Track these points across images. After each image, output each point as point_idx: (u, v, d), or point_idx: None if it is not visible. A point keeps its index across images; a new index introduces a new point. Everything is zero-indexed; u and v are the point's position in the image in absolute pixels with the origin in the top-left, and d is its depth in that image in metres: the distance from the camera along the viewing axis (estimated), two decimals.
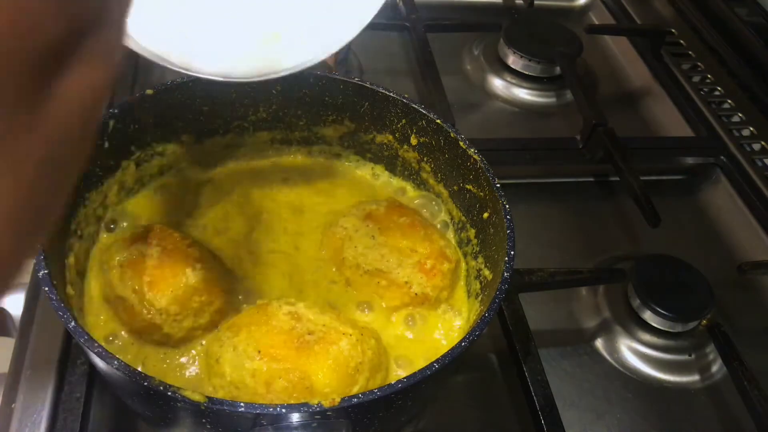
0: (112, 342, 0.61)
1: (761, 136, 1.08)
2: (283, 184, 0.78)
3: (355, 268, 0.68)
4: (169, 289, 0.60)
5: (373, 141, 0.78)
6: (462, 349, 0.52)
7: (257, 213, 0.74)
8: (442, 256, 0.68)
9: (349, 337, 0.58)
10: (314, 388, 0.55)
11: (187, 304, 0.60)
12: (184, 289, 0.60)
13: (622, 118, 1.08)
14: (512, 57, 1.14)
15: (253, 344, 0.57)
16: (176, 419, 0.53)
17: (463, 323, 0.67)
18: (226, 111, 0.75)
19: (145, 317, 0.59)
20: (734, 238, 0.97)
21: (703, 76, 1.19)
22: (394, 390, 0.49)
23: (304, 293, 0.68)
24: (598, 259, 0.90)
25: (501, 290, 0.57)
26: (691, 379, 0.79)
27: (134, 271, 0.60)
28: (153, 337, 0.60)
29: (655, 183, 1.00)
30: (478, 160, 0.68)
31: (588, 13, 1.36)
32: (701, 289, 0.82)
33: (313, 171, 0.80)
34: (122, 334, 0.61)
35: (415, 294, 0.66)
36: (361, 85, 0.74)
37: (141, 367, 0.59)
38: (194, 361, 0.61)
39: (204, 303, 0.61)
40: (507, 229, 0.62)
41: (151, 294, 0.59)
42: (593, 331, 0.82)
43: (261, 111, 0.76)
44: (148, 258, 0.61)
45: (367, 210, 0.71)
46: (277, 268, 0.70)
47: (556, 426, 0.67)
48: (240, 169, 0.78)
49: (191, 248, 0.63)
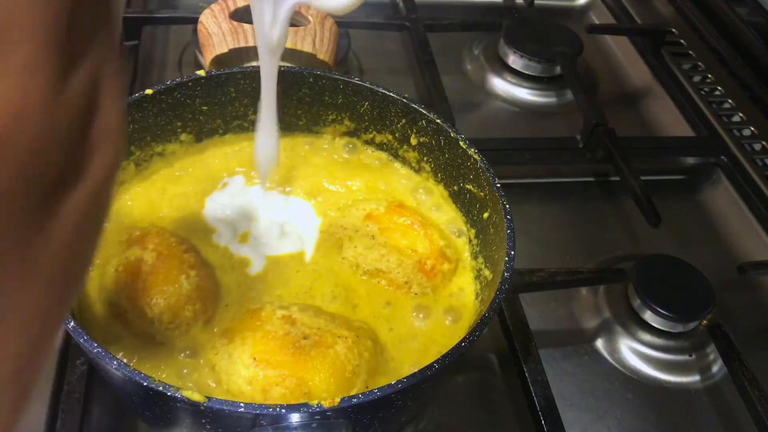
0: (111, 342, 0.60)
1: (762, 135, 1.08)
2: None
3: (355, 268, 0.68)
4: (162, 298, 0.59)
5: (373, 141, 0.78)
6: (462, 349, 0.52)
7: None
8: (442, 256, 0.68)
9: (345, 339, 0.58)
10: (312, 394, 0.55)
11: (180, 313, 0.60)
12: (177, 298, 0.59)
13: (623, 117, 1.08)
14: (512, 57, 1.14)
15: (249, 351, 0.56)
16: (176, 419, 0.53)
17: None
18: (226, 111, 0.75)
19: (138, 325, 0.59)
20: (735, 238, 0.97)
21: (703, 76, 1.19)
22: (394, 390, 0.49)
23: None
24: (599, 259, 0.90)
25: (501, 290, 0.57)
26: (692, 379, 0.79)
27: (129, 278, 0.60)
28: (149, 341, 0.60)
29: (656, 183, 1.00)
30: (478, 160, 0.68)
31: (588, 12, 1.36)
32: (702, 289, 0.81)
33: None
34: (121, 335, 0.61)
35: (415, 294, 0.66)
36: (361, 85, 0.74)
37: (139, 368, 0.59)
38: (192, 367, 0.60)
39: (198, 311, 0.61)
40: (507, 229, 0.61)
41: (144, 302, 0.59)
42: (593, 331, 0.81)
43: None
44: (143, 263, 0.60)
45: (367, 210, 0.71)
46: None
47: (557, 426, 0.66)
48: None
49: (187, 254, 0.63)
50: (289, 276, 0.67)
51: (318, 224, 0.72)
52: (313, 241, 0.71)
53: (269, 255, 0.69)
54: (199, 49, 0.97)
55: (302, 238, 0.71)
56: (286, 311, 0.60)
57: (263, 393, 0.55)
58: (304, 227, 0.72)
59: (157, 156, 0.73)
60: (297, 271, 0.68)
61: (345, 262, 0.69)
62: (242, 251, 0.68)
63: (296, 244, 0.70)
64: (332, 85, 0.74)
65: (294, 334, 0.58)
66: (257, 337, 0.57)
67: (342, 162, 0.78)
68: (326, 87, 0.74)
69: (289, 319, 0.59)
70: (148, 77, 1.02)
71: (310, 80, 0.74)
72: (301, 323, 0.59)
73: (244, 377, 0.55)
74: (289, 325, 0.58)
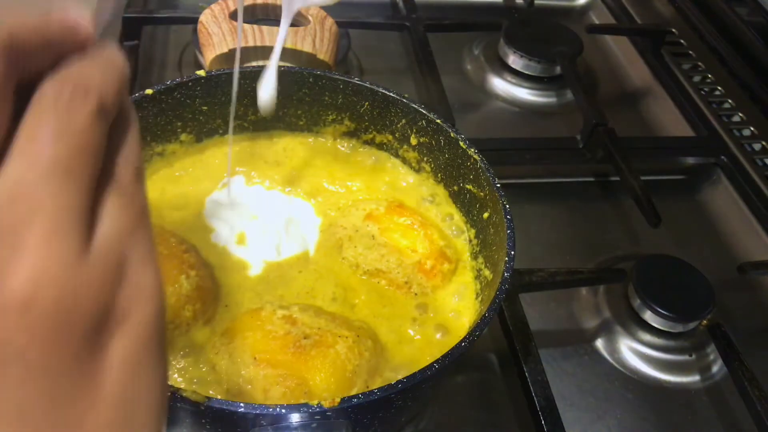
0: None
1: (762, 136, 1.08)
2: None
3: (355, 268, 0.68)
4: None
5: (372, 141, 0.78)
6: (462, 349, 0.52)
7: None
8: (442, 256, 0.68)
9: (345, 339, 0.58)
10: (312, 394, 0.55)
11: (180, 313, 0.59)
12: (177, 298, 0.59)
13: (623, 117, 1.08)
14: (512, 57, 1.14)
15: (249, 351, 0.56)
16: (175, 419, 0.53)
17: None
18: (226, 111, 0.75)
19: None
20: (735, 238, 0.97)
21: (703, 76, 1.19)
22: (394, 390, 0.49)
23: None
24: (598, 259, 0.90)
25: (501, 290, 0.57)
26: (692, 379, 0.79)
27: None
28: None
29: (656, 183, 1.00)
30: (478, 160, 0.68)
31: (588, 12, 1.36)
32: (702, 289, 0.81)
33: None
34: None
35: (415, 294, 0.66)
36: (361, 85, 0.74)
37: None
38: (191, 367, 0.60)
39: (198, 311, 0.60)
40: (507, 229, 0.61)
41: None
42: (593, 331, 0.82)
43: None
44: None
45: (367, 210, 0.71)
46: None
47: (557, 426, 0.66)
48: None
49: (187, 254, 0.63)
50: (289, 276, 0.67)
51: (318, 224, 0.72)
52: (313, 241, 0.71)
53: (269, 255, 0.69)
54: (199, 49, 0.97)
55: (302, 238, 0.71)
56: (286, 311, 0.60)
57: (263, 392, 0.55)
58: (304, 227, 0.72)
59: (157, 156, 0.73)
60: (299, 271, 0.68)
61: (345, 262, 0.69)
62: (242, 251, 0.68)
63: (296, 244, 0.70)
64: (332, 85, 0.74)
65: (294, 333, 0.58)
66: (257, 336, 0.57)
67: (342, 162, 0.78)
68: (326, 87, 0.74)
69: (289, 318, 0.59)
70: (148, 77, 1.02)
71: (310, 80, 0.74)
72: (302, 323, 0.59)
73: (245, 377, 0.55)
74: (289, 325, 0.58)
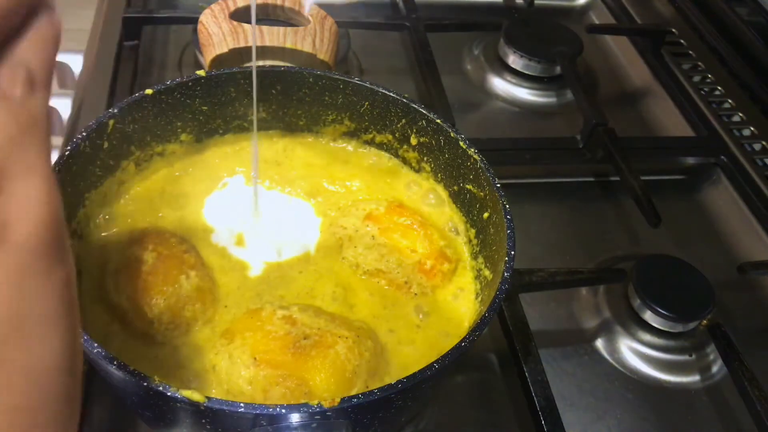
0: (111, 342, 0.60)
1: (762, 135, 1.08)
2: None
3: (355, 268, 0.68)
4: (162, 298, 0.59)
5: (372, 141, 0.78)
6: (462, 349, 0.52)
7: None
8: (442, 256, 0.68)
9: (345, 340, 0.58)
10: (312, 394, 0.55)
11: (180, 313, 0.60)
12: (177, 299, 0.59)
13: (623, 117, 1.08)
14: (512, 57, 1.14)
15: (249, 351, 0.56)
16: (176, 420, 0.53)
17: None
18: (226, 111, 0.75)
19: (138, 325, 0.59)
20: (734, 238, 0.97)
21: (703, 76, 1.19)
22: (394, 390, 0.49)
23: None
24: (598, 259, 0.90)
25: (501, 290, 0.57)
26: (692, 379, 0.79)
27: (128, 278, 0.60)
28: (149, 342, 0.60)
29: (656, 183, 1.00)
30: (478, 160, 0.68)
31: (588, 12, 1.36)
32: (702, 289, 0.81)
33: None
34: (120, 335, 0.61)
35: (415, 294, 0.66)
36: (361, 85, 0.74)
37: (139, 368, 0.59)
38: (192, 366, 0.60)
39: (198, 311, 0.61)
40: (507, 229, 0.61)
41: (144, 302, 0.59)
42: (593, 331, 0.82)
43: (261, 111, 0.76)
44: (143, 264, 0.60)
45: (367, 210, 0.71)
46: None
47: (557, 426, 0.66)
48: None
49: (187, 254, 0.63)
50: (290, 277, 0.67)
51: (318, 224, 0.72)
52: (313, 242, 0.71)
53: (269, 255, 0.69)
54: (199, 49, 0.97)
55: (302, 239, 0.71)
56: (286, 311, 0.60)
57: (263, 393, 0.55)
58: (304, 227, 0.72)
59: (157, 156, 0.73)
60: (299, 272, 0.68)
61: (345, 262, 0.69)
62: (242, 251, 0.68)
63: (296, 244, 0.70)
64: (332, 85, 0.74)
65: (294, 334, 0.58)
66: (257, 337, 0.57)
67: (342, 162, 0.78)
68: (326, 87, 0.74)
69: (289, 319, 0.59)
70: (148, 77, 1.02)
71: (310, 80, 0.74)
72: (302, 323, 0.59)
73: (245, 377, 0.55)
74: (289, 325, 0.58)
